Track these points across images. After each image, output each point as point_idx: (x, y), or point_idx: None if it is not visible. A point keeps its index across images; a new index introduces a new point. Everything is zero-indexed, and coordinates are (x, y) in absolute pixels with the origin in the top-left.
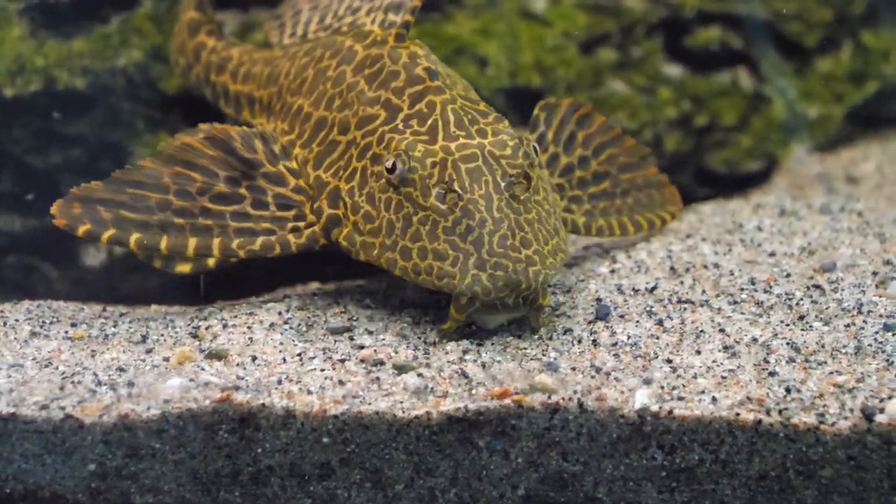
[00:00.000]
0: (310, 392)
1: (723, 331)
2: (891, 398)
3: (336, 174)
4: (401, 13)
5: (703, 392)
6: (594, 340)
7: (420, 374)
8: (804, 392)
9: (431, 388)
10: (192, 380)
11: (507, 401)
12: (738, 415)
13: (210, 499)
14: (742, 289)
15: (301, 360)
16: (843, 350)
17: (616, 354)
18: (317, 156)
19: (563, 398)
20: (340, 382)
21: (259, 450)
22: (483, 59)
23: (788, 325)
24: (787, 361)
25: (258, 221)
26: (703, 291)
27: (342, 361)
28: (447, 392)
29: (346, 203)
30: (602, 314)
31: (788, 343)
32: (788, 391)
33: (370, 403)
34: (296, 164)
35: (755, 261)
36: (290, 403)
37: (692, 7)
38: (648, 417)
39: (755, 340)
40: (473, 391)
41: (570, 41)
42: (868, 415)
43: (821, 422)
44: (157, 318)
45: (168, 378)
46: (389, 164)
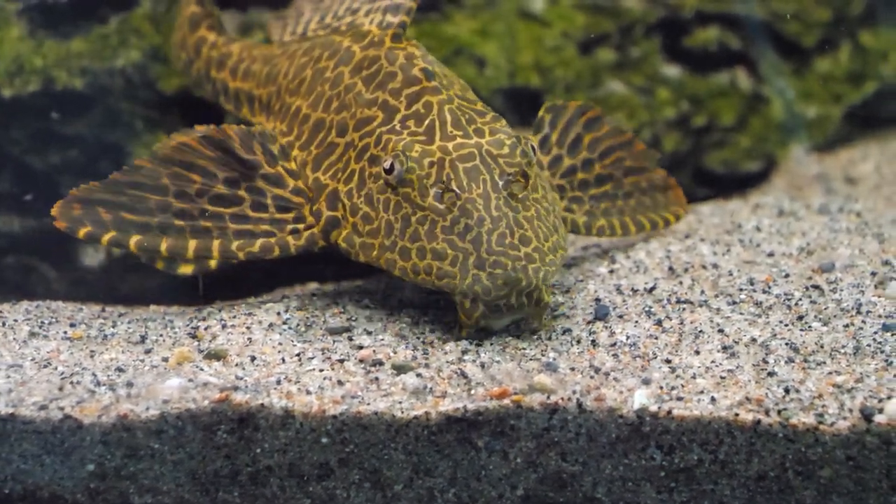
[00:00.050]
0: (309, 392)
1: (722, 331)
2: (890, 398)
3: (335, 176)
4: (398, 15)
5: (702, 392)
6: (593, 341)
7: (419, 375)
8: (803, 392)
9: (430, 389)
10: (191, 380)
11: (506, 401)
12: (737, 415)
13: (209, 499)
14: (741, 289)
15: (300, 361)
16: (842, 350)
17: (615, 354)
18: (315, 158)
19: (562, 398)
20: (339, 383)
21: (258, 450)
22: (482, 60)
23: (787, 326)
24: (786, 362)
25: (257, 223)
26: (702, 292)
27: (341, 362)
28: (446, 392)
29: (345, 205)
30: (601, 314)
31: (787, 343)
32: (787, 391)
33: (369, 403)
34: (294, 166)
35: (754, 261)
36: (289, 404)
37: (691, 7)
38: (647, 417)
39: (754, 341)
40: (472, 391)
41: (569, 41)
42: (867, 415)
43: (820, 422)
44: (156, 319)
45: (167, 378)
46: (387, 165)
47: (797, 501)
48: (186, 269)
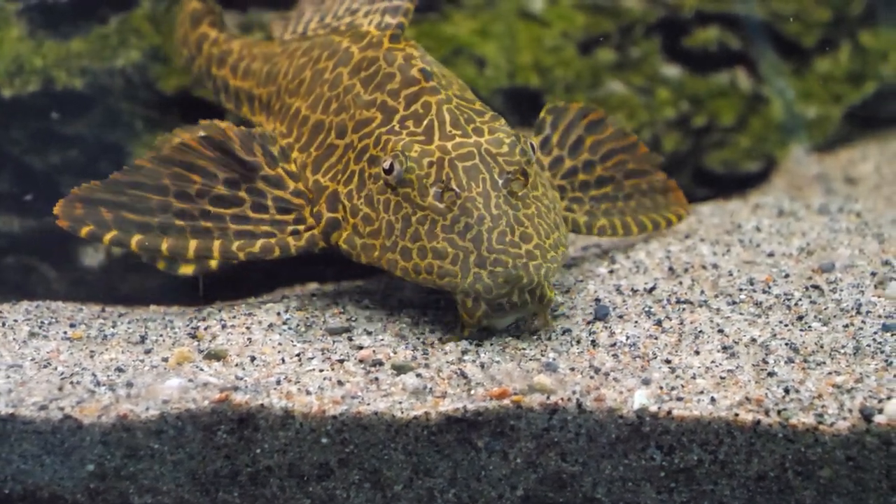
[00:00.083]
0: (308, 392)
1: (721, 331)
2: (889, 398)
3: (334, 178)
4: (397, 16)
5: (702, 392)
6: (593, 341)
7: (419, 375)
8: (803, 392)
9: (430, 389)
10: (191, 380)
11: (506, 401)
12: (737, 415)
13: (209, 499)
14: (741, 289)
15: (300, 361)
16: (842, 350)
17: (615, 355)
18: (315, 160)
19: (562, 399)
20: (339, 383)
21: (258, 450)
22: (481, 60)
23: (787, 326)
24: (786, 362)
25: (258, 224)
26: (702, 292)
27: (341, 362)
28: (446, 392)
29: (345, 206)
30: (601, 314)
31: (787, 343)
32: (787, 391)
33: (369, 404)
34: (294, 168)
35: (754, 261)
36: (289, 404)
37: (690, 7)
38: (647, 418)
39: (754, 341)
40: (472, 391)
41: (569, 41)
42: (867, 415)
43: (819, 422)
44: (156, 319)
45: (167, 378)
46: (387, 166)
47: (797, 502)
48: (187, 270)
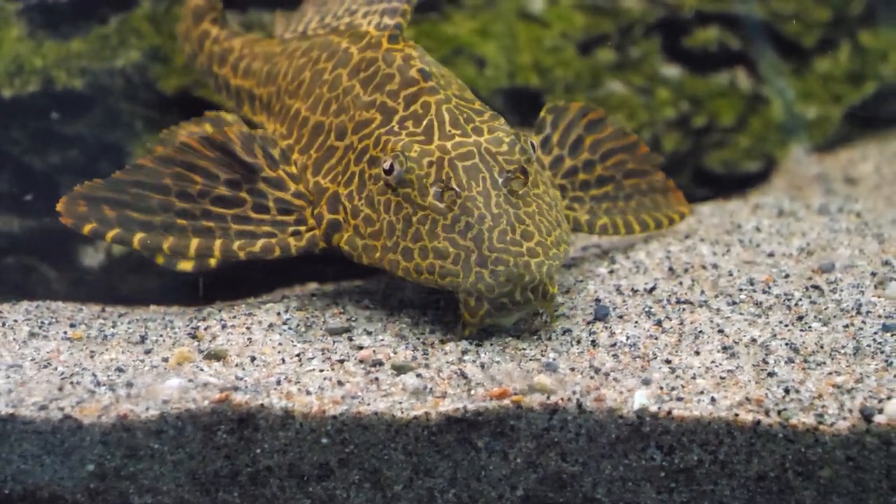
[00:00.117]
0: (308, 392)
1: (722, 331)
2: (889, 399)
3: (335, 179)
4: (395, 17)
5: (702, 392)
6: (593, 341)
7: (419, 375)
8: (803, 393)
9: (430, 389)
10: (191, 380)
11: (506, 401)
12: (737, 415)
13: (209, 499)
14: (741, 289)
15: (300, 361)
16: (842, 350)
17: (615, 355)
18: (315, 161)
19: (562, 399)
20: (339, 383)
21: (258, 450)
22: (481, 60)
23: (787, 326)
24: (786, 362)
25: (259, 225)
26: (702, 292)
27: (341, 362)
28: (446, 392)
29: (346, 207)
30: (601, 315)
31: (787, 344)
32: (787, 392)
33: (369, 404)
34: (295, 170)
35: (754, 261)
36: (289, 404)
37: (690, 7)
38: (647, 418)
39: (754, 341)
40: (472, 392)
41: (569, 42)
42: (867, 415)
43: (820, 422)
44: (156, 319)
45: (167, 378)
46: (387, 166)
47: (797, 502)
48: (186, 266)
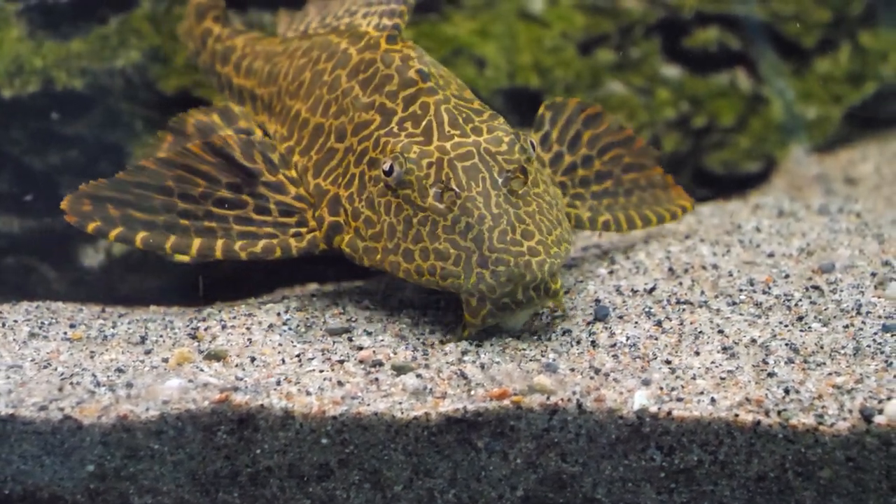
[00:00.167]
0: (308, 393)
1: (721, 332)
2: (889, 399)
3: (335, 181)
4: (393, 17)
5: (702, 393)
6: (593, 341)
7: (419, 375)
8: (803, 393)
9: (430, 389)
10: (191, 381)
11: (506, 402)
12: (737, 416)
13: (209, 500)
14: (741, 290)
15: (300, 361)
16: (842, 351)
17: (615, 355)
18: (316, 164)
19: (562, 399)
20: (339, 383)
21: (258, 451)
22: (481, 60)
23: (787, 326)
24: (786, 362)
25: (261, 226)
26: (702, 292)
27: (341, 362)
28: (446, 393)
29: (347, 209)
30: (601, 315)
31: (787, 344)
32: (787, 392)
33: (369, 404)
34: (295, 173)
35: (754, 262)
36: (289, 404)
37: (690, 8)
38: (647, 418)
39: (754, 341)
40: (472, 392)
41: (569, 42)
42: (867, 416)
43: (819, 423)
44: (156, 319)
45: (167, 379)
46: (386, 167)
47: (797, 502)
48: (183, 257)
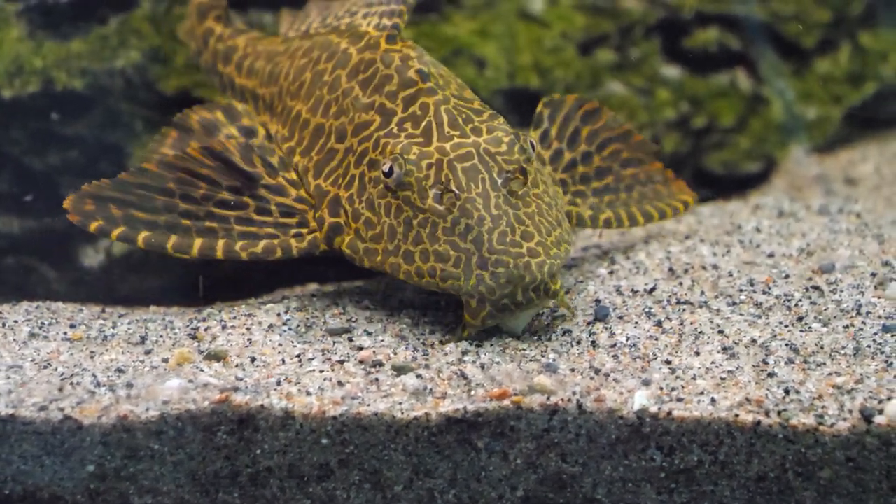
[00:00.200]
0: (309, 393)
1: (722, 332)
2: (890, 399)
3: (335, 182)
4: (393, 17)
5: (702, 393)
6: (593, 342)
7: (419, 376)
8: (803, 393)
9: (430, 390)
10: (191, 381)
11: (506, 402)
12: (737, 416)
13: (209, 500)
14: (741, 290)
15: (300, 362)
16: (842, 351)
17: (615, 356)
18: (316, 164)
19: (562, 399)
20: (339, 384)
21: (258, 451)
22: (481, 61)
23: (787, 327)
24: (786, 363)
25: (262, 226)
26: (702, 293)
27: (341, 363)
28: (446, 393)
29: (347, 211)
30: (601, 315)
31: (787, 344)
32: (787, 392)
33: (369, 405)
34: (295, 176)
35: (754, 262)
36: (289, 405)
37: (690, 8)
38: (647, 419)
39: (754, 342)
40: (472, 392)
41: (569, 42)
42: (867, 416)
43: (820, 423)
44: (156, 320)
45: (167, 379)
46: (386, 169)
47: (797, 502)
48: (184, 256)
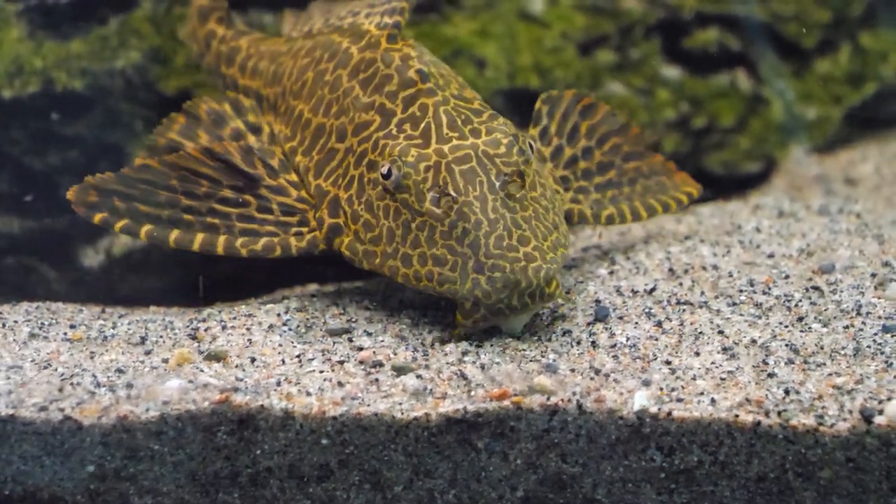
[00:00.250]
0: (309, 393)
1: (722, 332)
2: (890, 400)
3: (335, 183)
4: (394, 16)
5: (702, 393)
6: (593, 342)
7: (419, 376)
8: (803, 394)
9: (430, 390)
10: (191, 381)
11: (506, 402)
12: (737, 416)
13: (209, 500)
14: (741, 290)
15: (300, 362)
16: (842, 352)
17: (615, 356)
18: (317, 164)
19: (562, 400)
20: (339, 384)
21: (258, 451)
22: (481, 61)
23: (787, 327)
24: (786, 363)
25: (263, 224)
26: (702, 293)
27: (341, 363)
28: (446, 393)
29: (346, 212)
30: (601, 316)
31: (787, 344)
32: (787, 393)
33: (369, 405)
34: (296, 177)
35: (754, 262)
36: (289, 405)
37: (690, 8)
38: (647, 419)
39: (754, 342)
40: (472, 393)
41: (569, 42)
42: (867, 416)
43: (820, 423)
44: (156, 320)
45: (167, 379)
46: (385, 171)
47: (797, 503)
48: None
